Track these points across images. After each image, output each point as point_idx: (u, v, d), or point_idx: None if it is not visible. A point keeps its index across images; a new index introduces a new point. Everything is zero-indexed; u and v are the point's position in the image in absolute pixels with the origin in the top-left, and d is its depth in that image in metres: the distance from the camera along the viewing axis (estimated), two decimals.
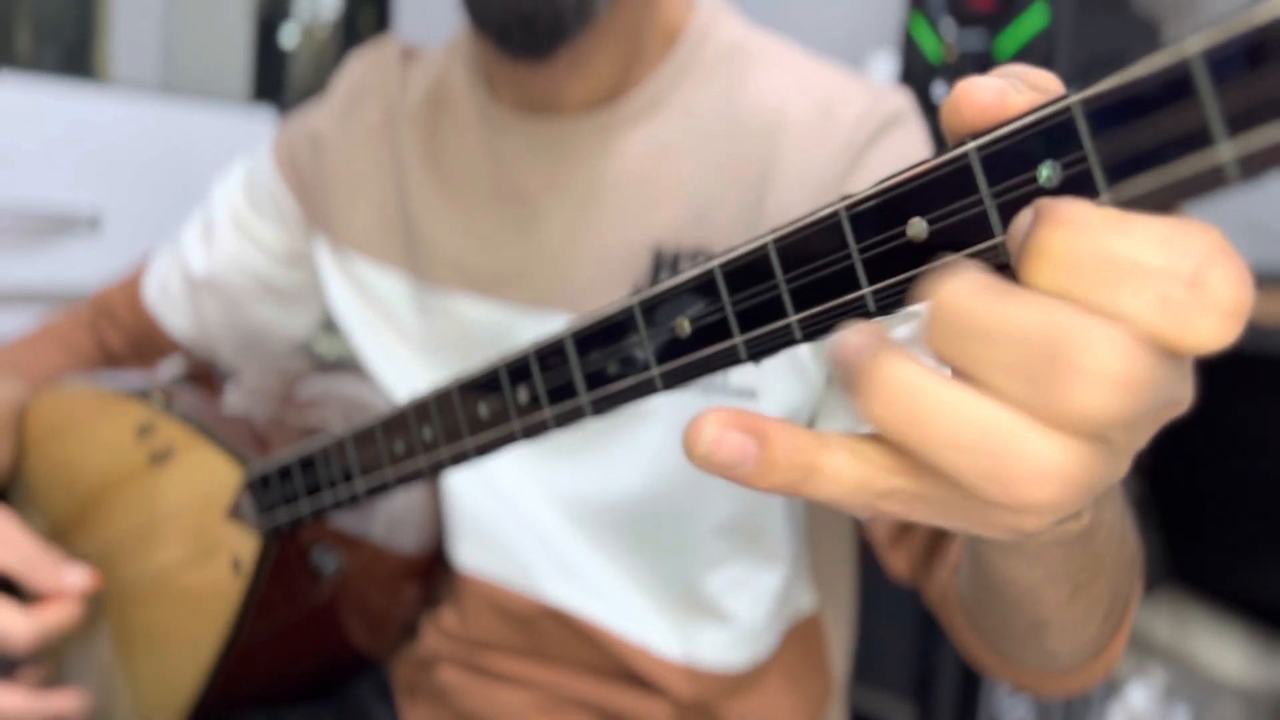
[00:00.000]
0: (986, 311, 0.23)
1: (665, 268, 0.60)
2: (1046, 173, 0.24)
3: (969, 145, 0.25)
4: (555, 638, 0.65)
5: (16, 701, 0.60)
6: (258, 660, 0.61)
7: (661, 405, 0.60)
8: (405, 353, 0.70)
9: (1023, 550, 0.36)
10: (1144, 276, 0.22)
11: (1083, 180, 0.23)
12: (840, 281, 0.28)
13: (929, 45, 1.01)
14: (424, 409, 0.44)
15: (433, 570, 0.69)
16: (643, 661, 0.63)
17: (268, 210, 0.77)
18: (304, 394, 0.75)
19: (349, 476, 0.50)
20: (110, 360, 0.84)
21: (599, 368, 0.35)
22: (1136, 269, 0.22)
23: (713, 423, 0.27)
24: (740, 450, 0.26)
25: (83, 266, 1.36)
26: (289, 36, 2.03)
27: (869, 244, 0.27)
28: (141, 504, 0.65)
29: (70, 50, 1.74)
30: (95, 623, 0.66)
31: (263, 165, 0.77)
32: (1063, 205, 0.23)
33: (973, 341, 0.23)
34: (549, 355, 0.37)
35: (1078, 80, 0.23)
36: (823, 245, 0.28)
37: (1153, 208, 0.22)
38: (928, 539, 0.56)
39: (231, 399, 0.76)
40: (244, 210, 0.78)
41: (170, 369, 0.85)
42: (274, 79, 1.97)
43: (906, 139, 0.59)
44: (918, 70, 1.02)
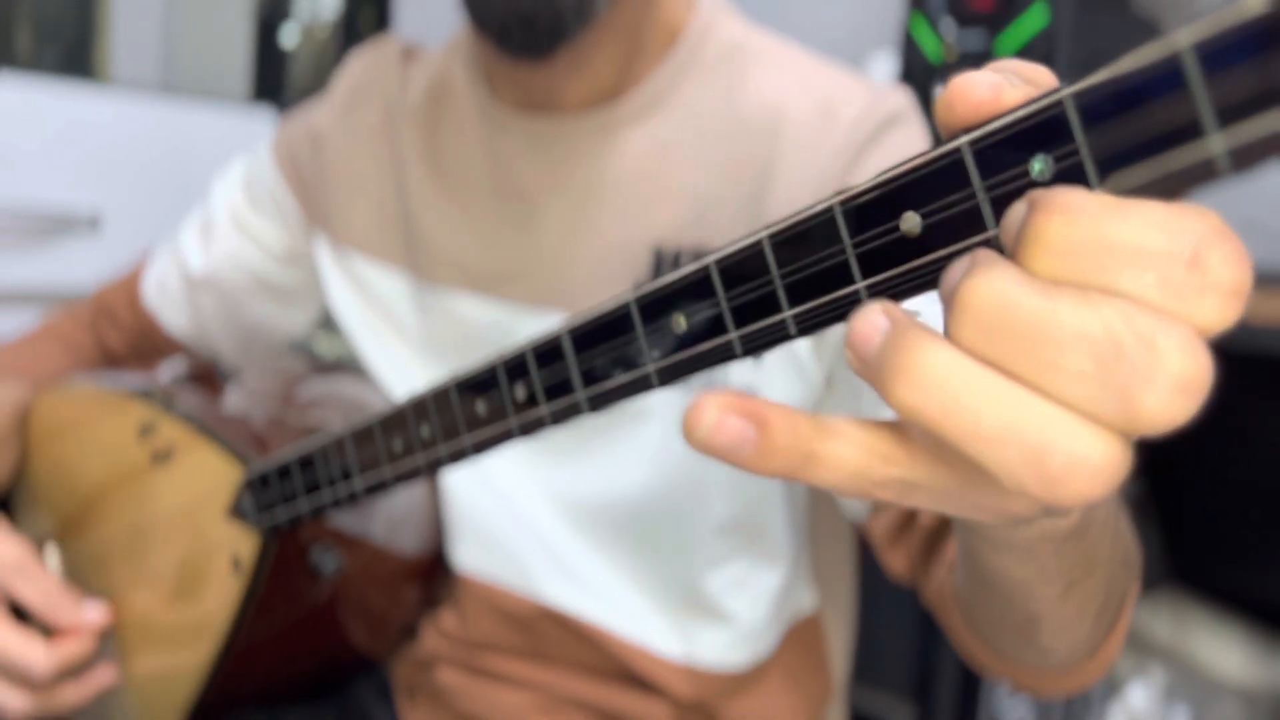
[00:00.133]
0: (1033, 309, 0.22)
1: (665, 267, 0.60)
2: (1039, 166, 0.24)
3: (961, 140, 0.25)
4: (555, 639, 0.65)
5: (71, 694, 0.62)
6: (258, 659, 0.61)
7: (660, 404, 0.60)
8: (405, 352, 0.70)
9: (1013, 546, 0.36)
10: (1143, 260, 0.22)
11: (1074, 174, 0.23)
12: (835, 276, 0.28)
13: (929, 45, 1.01)
14: (422, 407, 0.44)
15: (433, 572, 0.69)
16: (642, 662, 0.63)
17: (267, 208, 0.77)
18: (304, 395, 0.75)
19: (348, 475, 0.50)
20: (111, 360, 0.84)
21: (595, 364, 0.35)
22: (1136, 253, 0.22)
23: (713, 406, 0.27)
24: (740, 435, 0.26)
25: (83, 266, 1.36)
26: (289, 36, 2.03)
27: (863, 239, 0.27)
28: (143, 503, 0.65)
29: (70, 50, 1.74)
30: (99, 648, 0.66)
31: (262, 163, 0.77)
32: (1058, 193, 0.23)
33: (1022, 342, 0.22)
34: (546, 352, 0.37)
35: (1077, 80, 0.23)
36: (817, 240, 0.28)
37: (1146, 199, 0.22)
38: (925, 538, 0.56)
39: (232, 399, 0.76)
40: (243, 208, 0.78)
41: (172, 369, 0.85)
42: (274, 79, 1.97)
43: (907, 138, 0.59)
44: (918, 70, 1.02)
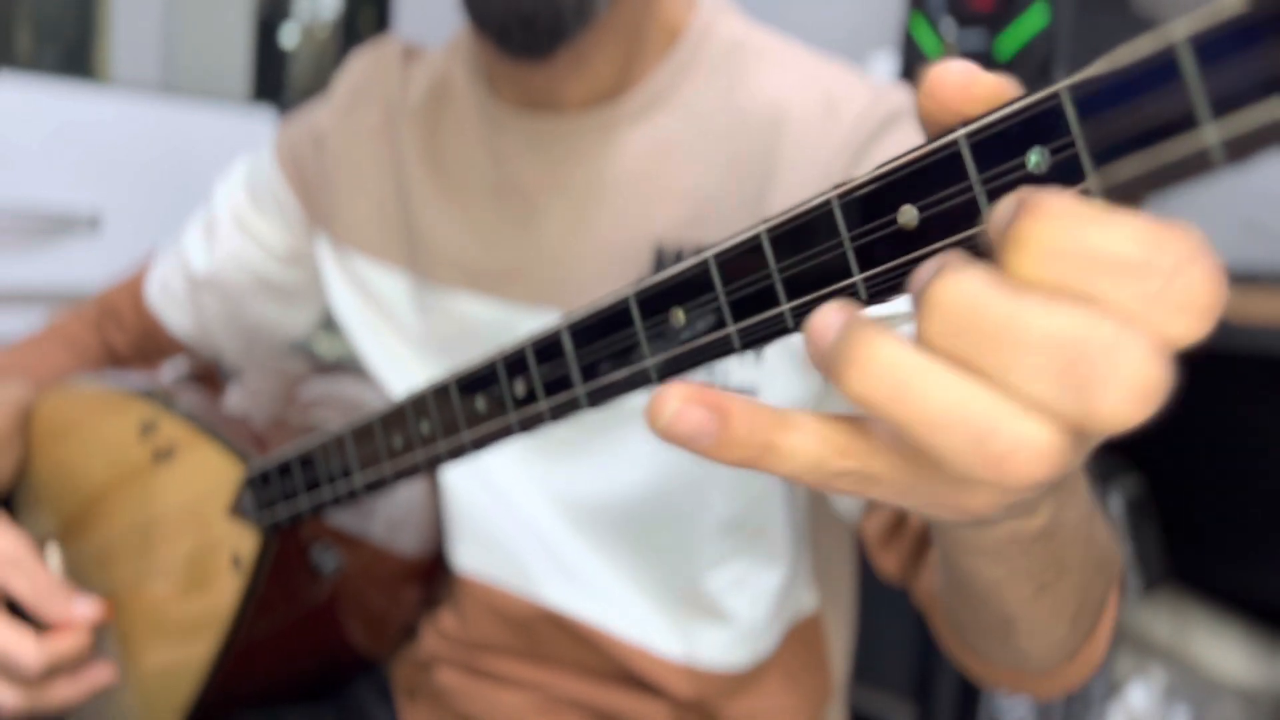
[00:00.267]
0: (1003, 311, 0.23)
1: (666, 266, 0.60)
2: (1035, 159, 0.24)
3: (958, 133, 0.25)
4: (554, 640, 0.65)
5: (63, 691, 0.61)
6: (257, 658, 0.61)
7: None
8: (405, 351, 0.70)
9: (983, 548, 0.37)
10: (1124, 270, 0.22)
11: (1071, 166, 0.23)
12: (832, 269, 0.28)
13: (929, 45, 1.01)
14: (422, 403, 0.44)
15: (433, 572, 0.69)
16: (642, 662, 0.63)
17: (269, 209, 0.77)
18: (305, 394, 0.75)
19: (348, 472, 0.50)
20: (115, 360, 0.84)
21: (594, 359, 0.35)
22: (1117, 262, 0.22)
23: (675, 396, 0.28)
24: (700, 425, 0.27)
25: (83, 266, 1.36)
26: (289, 36, 2.03)
27: (860, 232, 0.27)
28: (144, 501, 0.65)
29: (70, 50, 1.74)
30: (94, 643, 0.66)
31: (265, 164, 0.77)
32: (1047, 197, 0.23)
33: (984, 341, 0.23)
34: (545, 348, 0.37)
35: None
36: (815, 234, 0.28)
37: (1141, 192, 0.23)
38: (915, 540, 0.56)
39: (233, 399, 0.76)
40: (246, 208, 0.78)
41: (174, 369, 0.85)
42: (274, 79, 1.97)
43: (909, 136, 0.59)
44: (918, 70, 1.02)
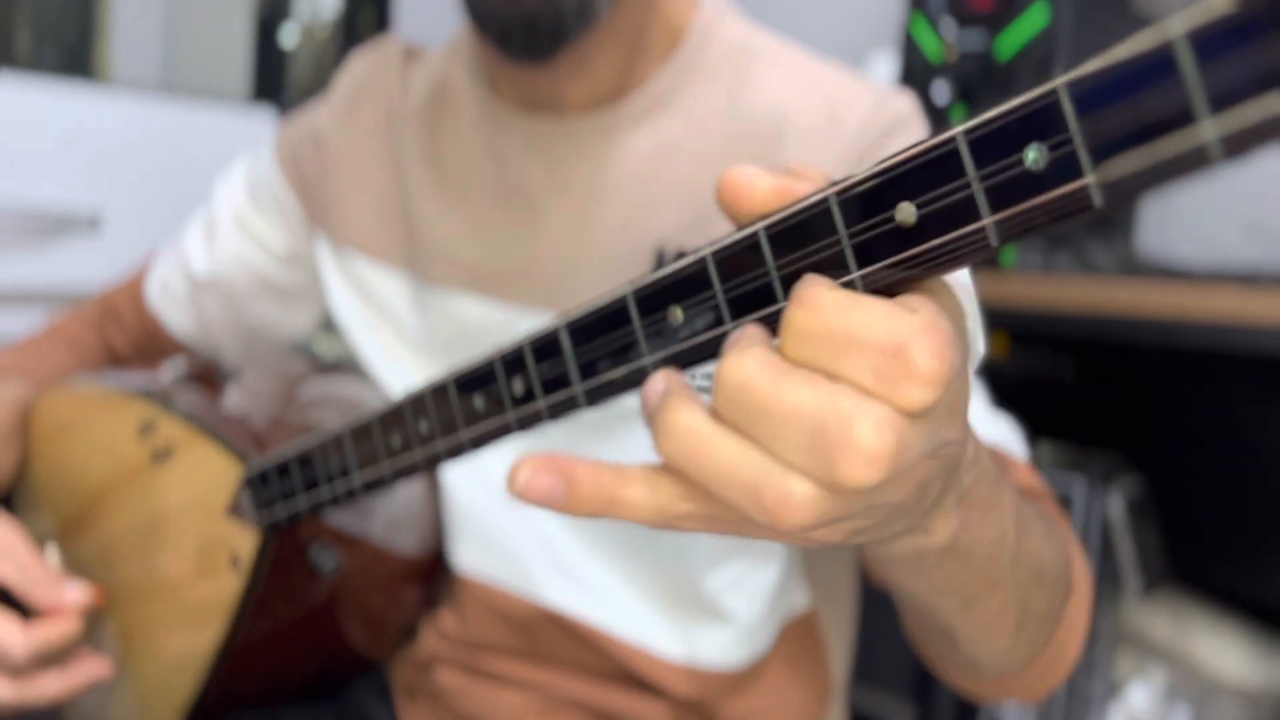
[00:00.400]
0: (764, 389, 0.27)
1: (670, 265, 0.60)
2: (1033, 155, 0.24)
3: (957, 129, 0.25)
4: (554, 640, 0.65)
5: (54, 684, 0.61)
6: (257, 658, 0.61)
7: None
8: (404, 352, 0.70)
9: (895, 562, 0.40)
10: (860, 349, 0.26)
11: (1069, 162, 0.23)
12: (830, 267, 0.28)
13: (929, 45, 1.01)
14: (420, 402, 0.44)
15: (432, 572, 0.69)
16: (642, 662, 0.63)
17: (269, 209, 0.77)
18: (304, 395, 0.75)
19: (346, 471, 0.50)
20: (116, 360, 0.84)
21: (593, 358, 0.35)
22: (855, 343, 0.26)
23: (527, 467, 0.33)
24: (550, 489, 0.33)
25: (83, 267, 1.36)
26: (289, 36, 2.03)
27: (858, 229, 0.27)
28: (143, 501, 0.65)
29: (70, 50, 1.74)
30: (96, 620, 0.66)
31: (265, 164, 0.77)
32: (805, 288, 0.28)
33: (754, 414, 0.28)
34: (543, 346, 0.37)
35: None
36: (813, 231, 0.28)
37: (1140, 188, 0.22)
38: None
39: (232, 399, 0.76)
40: (246, 209, 0.78)
41: (173, 369, 0.85)
42: (274, 79, 1.97)
43: (912, 142, 0.59)
44: (918, 70, 1.02)
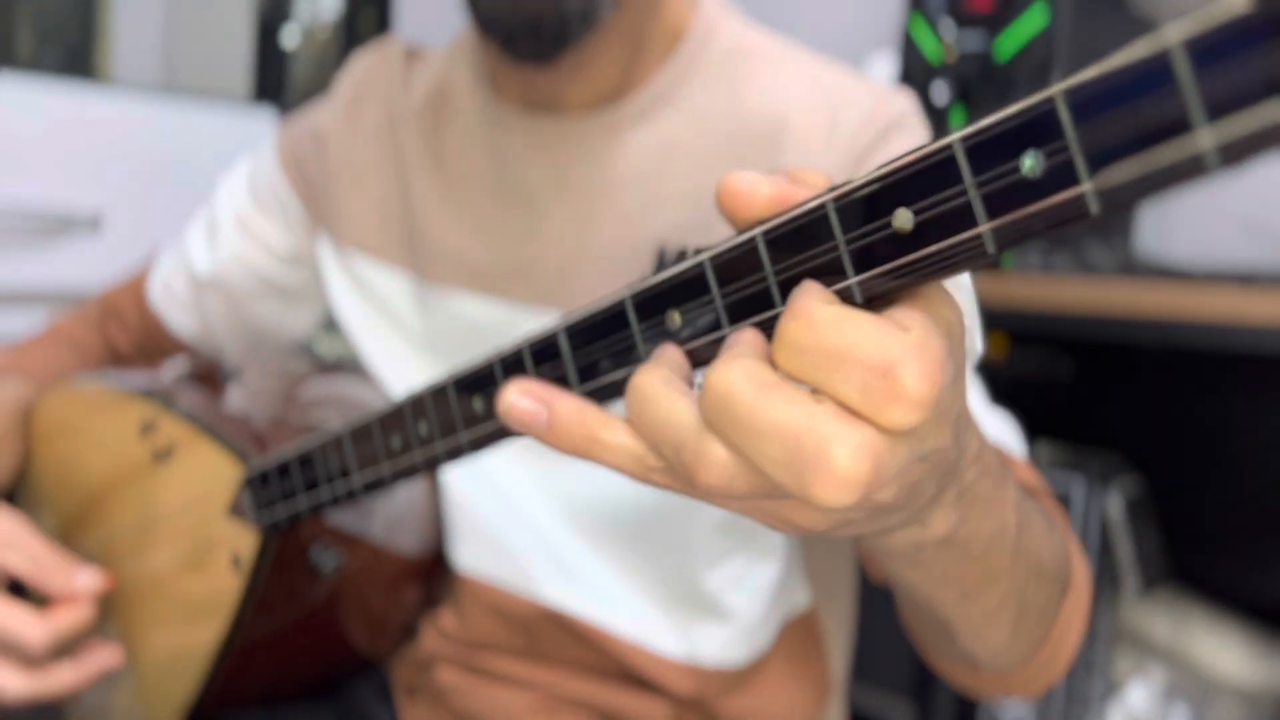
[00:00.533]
0: (747, 402, 0.28)
1: (668, 268, 0.60)
2: (1030, 162, 0.24)
3: (954, 136, 0.25)
4: (554, 639, 0.65)
5: (69, 674, 0.60)
6: (257, 658, 0.61)
7: None
8: (406, 352, 0.70)
9: (892, 553, 0.40)
10: (851, 367, 0.27)
11: (1065, 169, 0.23)
12: (828, 272, 0.28)
13: (928, 45, 1.01)
14: (420, 404, 0.44)
15: (433, 572, 0.69)
16: (643, 661, 0.63)
17: (271, 209, 0.77)
18: (305, 395, 0.75)
19: (346, 472, 0.50)
20: (118, 360, 0.84)
21: (591, 360, 0.35)
22: (845, 360, 0.27)
23: (513, 389, 0.34)
24: (532, 414, 0.33)
25: (83, 266, 1.36)
26: (290, 37, 2.03)
27: (855, 235, 0.27)
28: (144, 501, 0.65)
29: (71, 50, 1.74)
30: (97, 619, 0.66)
31: (266, 164, 0.77)
32: (800, 300, 0.28)
33: (735, 425, 0.28)
34: (542, 349, 0.37)
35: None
36: (811, 237, 0.28)
37: (1136, 196, 0.23)
38: None
39: (233, 399, 0.76)
40: (248, 209, 0.78)
41: (174, 368, 0.85)
42: (275, 79, 1.97)
43: (910, 142, 0.59)
44: (917, 70, 1.02)
